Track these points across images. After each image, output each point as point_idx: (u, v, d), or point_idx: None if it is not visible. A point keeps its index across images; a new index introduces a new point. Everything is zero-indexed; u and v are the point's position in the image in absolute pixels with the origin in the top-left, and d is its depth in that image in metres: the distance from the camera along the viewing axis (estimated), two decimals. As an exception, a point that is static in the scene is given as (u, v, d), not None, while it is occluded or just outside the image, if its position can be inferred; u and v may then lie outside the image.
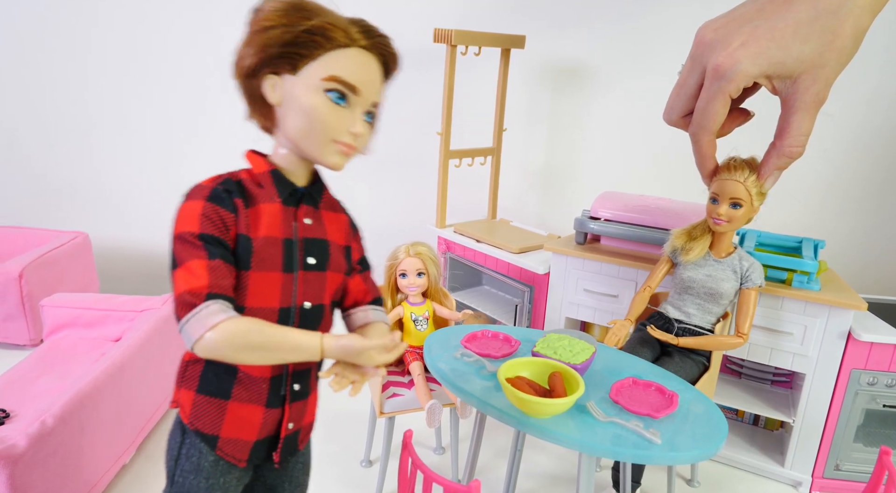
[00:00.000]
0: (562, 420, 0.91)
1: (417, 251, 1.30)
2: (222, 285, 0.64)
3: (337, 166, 0.70)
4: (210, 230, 0.65)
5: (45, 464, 1.03)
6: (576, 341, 1.06)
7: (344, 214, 0.79)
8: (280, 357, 0.65)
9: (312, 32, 0.65)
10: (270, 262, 0.68)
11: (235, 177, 0.70)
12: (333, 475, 1.38)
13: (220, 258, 0.65)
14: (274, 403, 0.73)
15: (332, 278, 0.75)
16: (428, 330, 1.32)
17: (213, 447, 0.72)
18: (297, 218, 0.71)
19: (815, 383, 1.37)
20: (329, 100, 0.66)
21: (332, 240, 0.75)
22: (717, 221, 1.22)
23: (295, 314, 0.71)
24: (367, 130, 0.70)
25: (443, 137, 1.87)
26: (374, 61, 0.69)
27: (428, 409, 1.18)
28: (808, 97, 1.03)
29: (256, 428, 0.73)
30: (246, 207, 0.68)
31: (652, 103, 2.03)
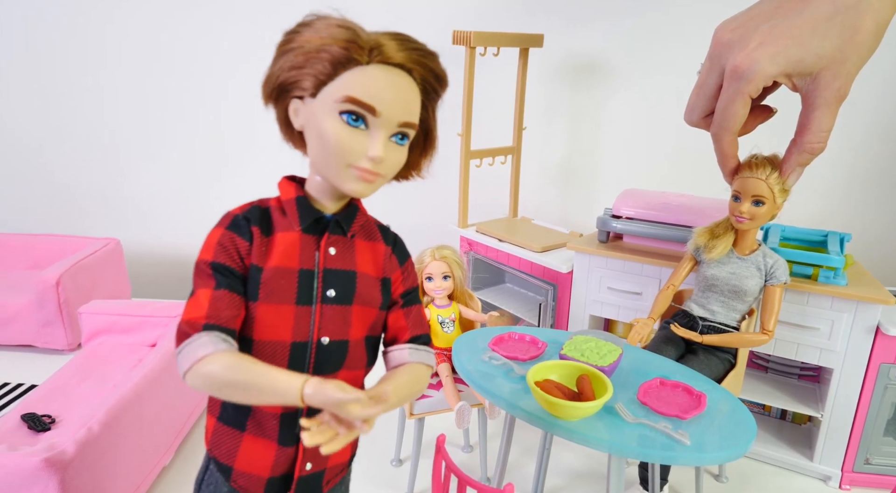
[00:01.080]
0: (590, 422, 0.93)
1: (443, 255, 1.32)
2: (222, 317, 0.62)
3: (358, 193, 0.65)
4: (222, 259, 0.63)
5: (91, 469, 1.07)
6: (602, 342, 1.08)
7: (382, 243, 0.73)
8: (262, 399, 0.59)
9: (328, 51, 0.61)
10: (281, 294, 0.65)
11: (264, 204, 0.68)
12: (364, 474, 1.41)
13: (227, 288, 0.63)
14: (287, 441, 0.68)
15: (360, 313, 0.69)
16: (454, 332, 1.34)
17: (227, 478, 0.70)
18: (320, 247, 0.67)
19: (843, 377, 1.36)
20: (344, 122, 0.61)
21: (362, 271, 0.69)
22: (739, 219, 1.22)
23: (311, 350, 0.66)
24: (393, 153, 0.64)
25: (463, 137, 1.89)
26: (404, 77, 0.63)
27: (457, 410, 1.20)
28: (828, 93, 1.03)
29: (269, 465, 0.68)
30: (265, 236, 0.65)
31: (671, 99, 2.03)
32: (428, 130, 0.70)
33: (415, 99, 0.64)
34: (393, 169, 0.65)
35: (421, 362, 0.72)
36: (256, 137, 2.39)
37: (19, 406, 1.32)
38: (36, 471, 0.97)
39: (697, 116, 1.17)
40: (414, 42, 0.64)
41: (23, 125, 2.44)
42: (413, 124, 0.64)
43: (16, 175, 2.50)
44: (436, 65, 0.65)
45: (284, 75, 0.63)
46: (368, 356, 0.72)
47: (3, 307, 1.87)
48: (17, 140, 2.45)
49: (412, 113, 0.64)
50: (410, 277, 0.75)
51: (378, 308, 0.71)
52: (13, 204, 2.53)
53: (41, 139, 2.46)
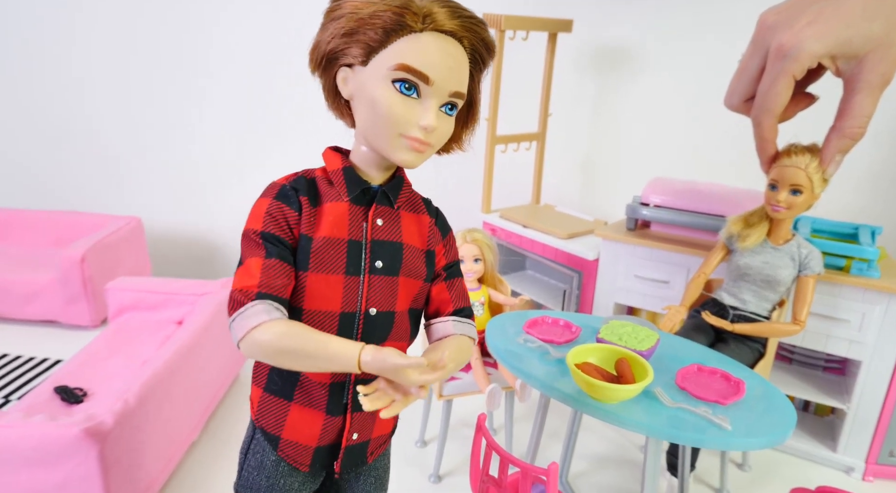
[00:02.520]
0: (629, 405, 0.93)
1: (474, 238, 1.32)
2: (274, 285, 0.62)
3: (408, 163, 0.63)
4: (272, 229, 0.63)
5: (128, 441, 1.08)
6: (639, 327, 1.08)
7: (427, 215, 0.72)
8: (317, 365, 0.60)
9: (381, 17, 0.59)
10: (331, 263, 0.64)
11: (310, 174, 0.68)
12: (390, 455, 1.42)
13: (278, 257, 0.63)
14: (335, 411, 0.68)
15: (406, 284, 0.69)
16: (484, 315, 1.34)
17: (275, 447, 0.71)
18: (367, 218, 0.66)
19: (871, 370, 1.36)
20: (396, 91, 0.60)
21: (408, 243, 0.69)
22: (776, 209, 1.21)
23: (359, 320, 0.66)
24: (443, 123, 0.62)
25: (490, 122, 1.88)
26: (455, 46, 0.61)
27: (489, 393, 1.21)
28: (873, 77, 1.01)
29: (317, 434, 0.69)
30: (312, 206, 0.65)
31: (700, 88, 2.01)
32: (472, 102, 0.68)
33: (465, 68, 0.62)
34: (442, 139, 0.64)
35: (465, 334, 0.72)
36: (280, 117, 2.38)
37: (50, 379, 1.33)
38: (76, 441, 0.98)
39: (738, 99, 1.16)
40: (465, 10, 0.63)
41: (47, 104, 2.44)
42: (463, 94, 0.63)
43: (39, 153, 2.50)
44: (486, 34, 0.64)
45: (335, 43, 0.62)
46: (412, 328, 0.72)
47: (28, 283, 1.88)
48: (41, 118, 2.46)
49: (463, 82, 0.63)
50: (452, 249, 0.74)
51: (423, 280, 0.70)
52: (36, 182, 2.54)
53: (64, 118, 2.46)
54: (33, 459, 0.99)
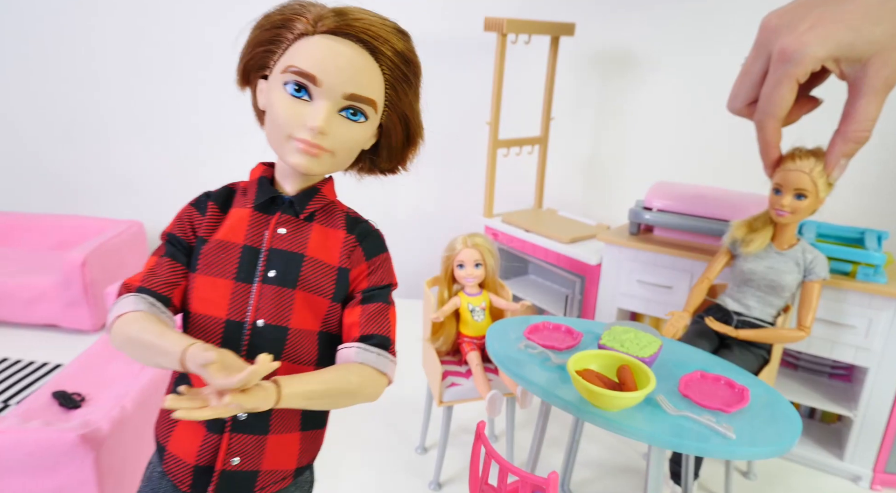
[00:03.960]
0: (631, 413, 0.91)
1: (475, 242, 1.30)
2: (155, 281, 0.62)
3: (301, 167, 0.61)
4: (175, 230, 0.65)
5: (125, 447, 1.07)
6: (641, 333, 1.06)
7: (342, 231, 0.68)
8: (155, 360, 0.57)
9: (276, 26, 0.61)
10: (220, 267, 0.63)
11: (236, 185, 0.69)
12: (389, 462, 1.40)
13: (169, 256, 0.64)
14: (213, 427, 0.63)
15: (306, 300, 0.64)
16: (485, 321, 1.33)
17: (161, 458, 0.66)
18: (269, 226, 0.65)
19: (879, 377, 1.34)
20: (287, 93, 0.60)
21: (312, 256, 0.65)
22: (780, 213, 1.19)
23: (247, 331, 0.62)
24: (341, 127, 0.60)
25: (492, 126, 1.87)
26: (352, 48, 0.59)
27: (489, 399, 1.19)
28: (877, 81, 1.00)
29: (195, 451, 0.64)
30: (221, 212, 0.66)
31: (703, 91, 2.00)
32: (405, 117, 0.66)
33: (367, 72, 0.60)
34: (344, 145, 0.62)
35: (366, 363, 0.64)
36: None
37: (49, 384, 1.32)
38: (72, 447, 0.97)
39: (741, 103, 1.15)
40: (368, 14, 0.61)
41: (49, 107, 2.44)
42: (365, 99, 0.60)
43: (42, 157, 2.51)
44: (391, 36, 0.61)
45: (248, 54, 0.63)
46: (321, 353, 0.66)
47: (29, 287, 1.88)
48: (44, 122, 2.46)
49: (362, 86, 0.60)
50: (379, 274, 0.68)
51: (329, 299, 0.65)
52: (39, 185, 2.54)
53: (67, 121, 2.46)
54: (29, 465, 0.98)
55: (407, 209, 2.45)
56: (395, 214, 2.47)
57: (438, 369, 1.27)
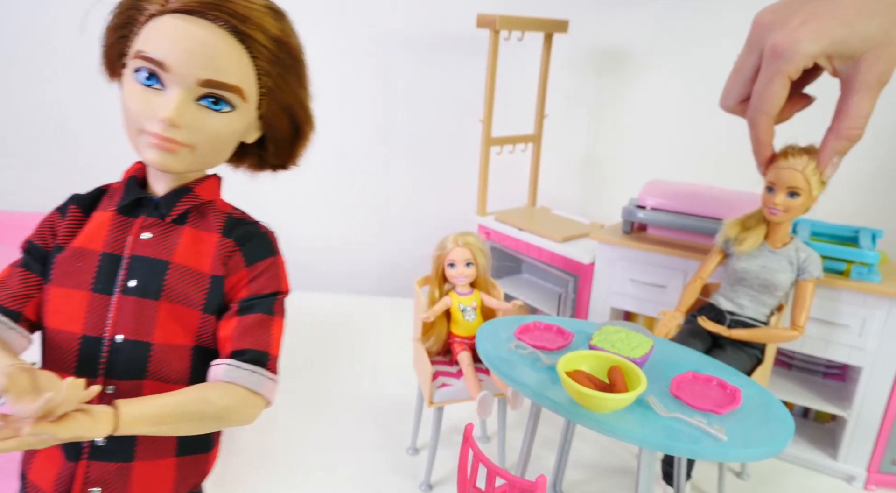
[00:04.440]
0: (621, 415, 0.90)
1: (466, 241, 1.29)
2: (2, 295, 0.58)
3: (156, 164, 0.55)
4: (36, 239, 0.60)
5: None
6: (633, 333, 1.05)
7: (217, 234, 0.61)
8: None
9: (128, 7, 0.55)
10: (75, 277, 0.57)
11: (108, 186, 0.63)
12: (380, 463, 1.39)
13: (23, 266, 0.59)
14: (70, 454, 0.58)
15: (172, 312, 0.58)
16: (476, 321, 1.31)
17: (23, 486, 0.61)
18: (132, 231, 0.59)
19: (873, 376, 1.33)
20: (137, 82, 0.54)
21: (180, 263, 0.58)
22: (773, 212, 1.18)
23: (104, 348, 0.56)
24: (200, 118, 0.54)
25: (484, 124, 1.85)
26: (205, 27, 0.52)
27: (480, 400, 1.18)
28: (870, 77, 0.99)
29: (53, 479, 0.58)
30: (84, 216, 0.60)
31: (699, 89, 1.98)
32: (288, 108, 0.60)
33: (226, 55, 0.53)
34: (206, 139, 0.56)
35: (236, 383, 0.57)
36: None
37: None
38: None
39: (734, 100, 1.14)
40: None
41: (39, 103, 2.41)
42: (226, 85, 0.54)
43: (34, 154, 2.48)
44: (259, 16, 0.54)
45: (106, 41, 0.58)
46: (195, 370, 0.60)
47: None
48: (32, 118, 2.43)
49: (220, 71, 0.53)
50: (261, 281, 0.61)
51: (200, 310, 0.59)
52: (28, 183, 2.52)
53: (56, 117, 2.43)
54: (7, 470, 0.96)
55: (399, 208, 2.43)
56: (388, 212, 2.45)
57: (429, 370, 1.26)
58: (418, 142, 2.33)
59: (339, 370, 1.79)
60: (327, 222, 2.50)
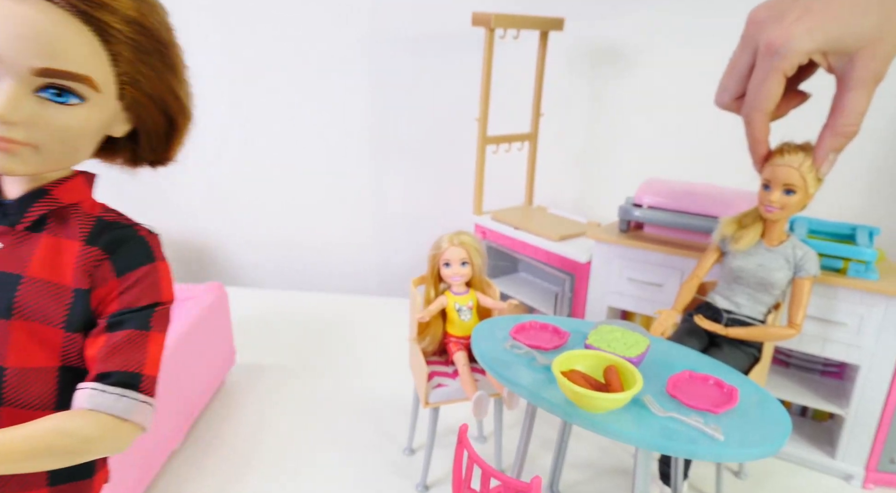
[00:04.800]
0: (617, 415, 0.89)
1: (462, 241, 1.28)
2: None
3: None
4: None
5: (101, 452, 1.05)
6: (629, 332, 1.04)
7: (81, 242, 0.54)
8: None
9: None
10: None
11: None
12: (375, 464, 1.38)
13: None
14: None
15: (26, 331, 0.52)
16: (472, 320, 1.31)
17: None
18: None
19: (870, 374, 1.32)
20: None
21: (35, 276, 0.52)
22: (769, 209, 1.18)
23: None
24: (40, 112, 0.48)
25: (480, 122, 1.85)
26: (36, 8, 0.45)
27: (475, 400, 1.17)
28: (865, 74, 0.99)
29: None
30: None
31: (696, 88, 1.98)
32: (159, 99, 0.54)
33: (67, 40, 0.47)
34: (51, 135, 0.49)
35: (98, 410, 0.51)
36: (268, 114, 2.35)
37: None
38: None
39: (729, 97, 1.14)
40: None
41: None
42: (69, 74, 0.47)
43: None
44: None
45: None
46: (62, 394, 0.54)
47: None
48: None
49: (59, 58, 0.46)
50: (134, 292, 0.55)
51: (62, 328, 0.53)
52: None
53: None
54: None
55: (396, 207, 2.42)
56: (384, 212, 2.44)
57: (424, 370, 1.25)
58: (414, 141, 2.32)
59: (335, 370, 1.79)
60: (323, 222, 2.49)
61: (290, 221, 2.50)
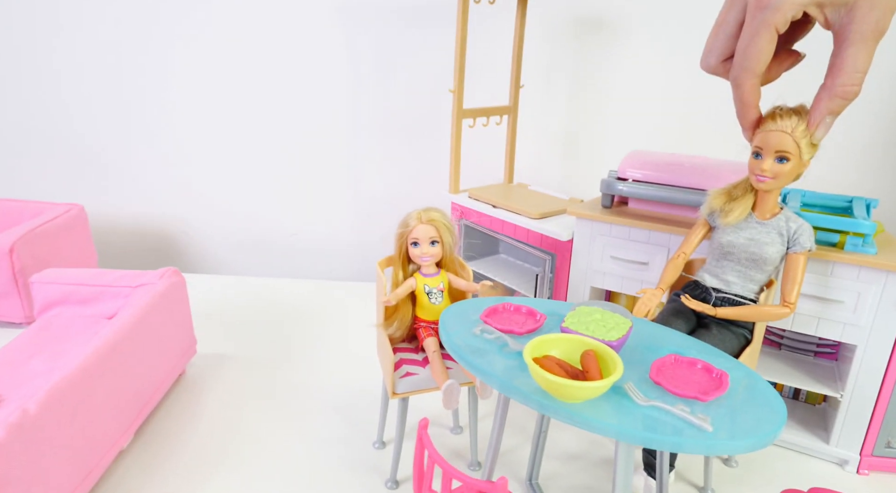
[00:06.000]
0: (596, 404, 0.80)
1: (430, 218, 1.18)
2: None
3: None
4: None
5: (29, 454, 0.95)
6: (609, 314, 0.95)
7: None
8: None
9: None
10: None
11: None
12: (344, 458, 1.29)
13: None
14: None
15: None
16: (443, 303, 1.21)
17: None
18: None
19: (867, 355, 1.25)
20: None
21: None
22: (760, 179, 1.08)
23: None
24: None
25: (455, 94, 1.74)
26: None
27: (445, 390, 1.08)
28: (865, 27, 0.89)
29: None
30: None
31: (683, 54, 1.88)
32: None
33: None
34: None
35: None
36: (232, 98, 2.23)
37: (-41, 383, 1.19)
38: (-44, 458, 0.84)
39: (715, 59, 1.04)
40: None
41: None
42: None
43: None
44: None
45: None
46: None
47: (-45, 277, 1.72)
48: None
49: None
50: None
51: None
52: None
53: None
54: None
55: (371, 186, 2.32)
56: (359, 191, 2.34)
57: (391, 358, 1.15)
58: (390, 117, 2.21)
59: (304, 360, 1.69)
60: (295, 204, 2.38)
61: (262, 204, 2.38)
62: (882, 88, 1.77)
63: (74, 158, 2.34)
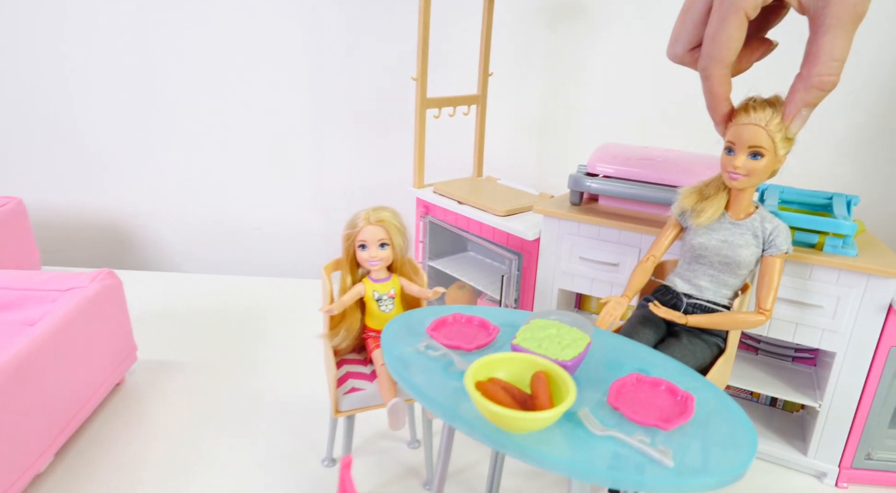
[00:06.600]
0: (547, 435, 0.72)
1: (379, 218, 1.08)
2: None
3: None
4: None
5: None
6: (566, 328, 0.86)
7: None
8: None
9: None
10: None
11: None
12: (292, 478, 1.20)
13: None
14: None
15: None
16: (394, 311, 1.12)
17: None
18: None
19: (846, 362, 1.17)
20: None
21: None
22: (733, 176, 1.00)
23: None
24: None
25: (419, 82, 1.63)
26: None
27: (389, 409, 0.98)
28: (842, 11, 0.81)
29: None
30: None
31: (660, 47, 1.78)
32: None
33: None
34: None
35: None
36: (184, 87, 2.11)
37: None
38: None
39: (682, 48, 0.96)
40: None
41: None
42: None
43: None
44: None
45: None
46: None
47: None
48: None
49: None
50: None
51: None
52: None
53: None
54: None
55: (334, 180, 2.21)
56: (321, 185, 2.23)
57: (334, 373, 1.06)
58: (357, 107, 2.10)
59: (253, 368, 1.58)
60: (256, 198, 2.26)
61: (219, 198, 2.27)
62: (862, 76, 1.70)
63: (17, 149, 2.20)
